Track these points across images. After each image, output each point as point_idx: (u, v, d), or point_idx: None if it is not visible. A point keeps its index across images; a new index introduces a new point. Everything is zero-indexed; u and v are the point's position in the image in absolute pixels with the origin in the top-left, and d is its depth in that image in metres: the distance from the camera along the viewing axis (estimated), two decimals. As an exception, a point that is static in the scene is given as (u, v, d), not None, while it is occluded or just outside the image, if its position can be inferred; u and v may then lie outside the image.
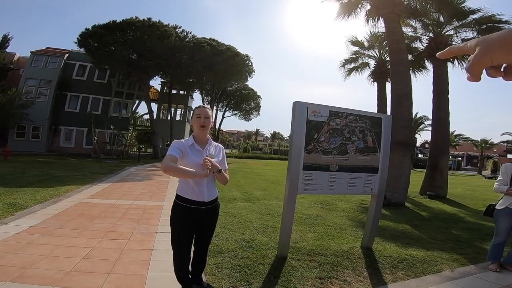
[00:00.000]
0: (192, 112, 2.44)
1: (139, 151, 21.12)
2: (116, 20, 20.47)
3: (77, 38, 20.33)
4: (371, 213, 3.99)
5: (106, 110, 23.91)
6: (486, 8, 9.88)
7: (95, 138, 21.52)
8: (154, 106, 28.04)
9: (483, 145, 35.87)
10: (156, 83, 46.10)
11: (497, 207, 3.39)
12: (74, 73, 23.84)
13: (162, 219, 5.15)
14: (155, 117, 26.08)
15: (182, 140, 2.33)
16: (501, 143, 39.98)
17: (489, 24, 9.97)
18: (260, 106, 33.82)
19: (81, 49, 21.24)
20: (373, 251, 3.84)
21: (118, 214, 5.34)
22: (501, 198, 3.37)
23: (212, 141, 2.39)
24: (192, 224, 2.26)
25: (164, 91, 28.84)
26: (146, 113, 25.11)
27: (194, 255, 2.44)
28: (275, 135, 75.12)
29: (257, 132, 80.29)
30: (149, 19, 20.82)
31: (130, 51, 20.91)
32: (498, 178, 3.41)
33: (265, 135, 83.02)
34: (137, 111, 26.77)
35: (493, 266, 3.32)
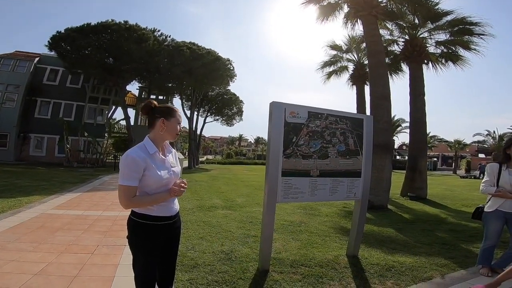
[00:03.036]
0: (163, 113, 1.81)
1: (115, 159, 20.25)
2: (90, 23, 19.71)
3: (48, 41, 19.35)
4: (355, 220, 3.79)
5: (80, 116, 22.87)
6: (458, 10, 10.20)
7: (68, 146, 20.46)
8: (132, 112, 27.20)
9: (456, 145, 37.29)
10: (133, 88, 44.89)
11: (485, 209, 3.24)
12: (45, 77, 22.67)
13: (134, 232, 4.74)
14: (132, 123, 25.22)
15: (136, 148, 1.76)
16: (473, 144, 41.78)
17: (461, 26, 10.26)
18: (242, 111, 33.49)
19: (53, 53, 20.26)
20: (359, 259, 3.63)
21: (84, 226, 4.92)
22: (489, 200, 3.23)
23: (170, 147, 1.98)
24: (161, 245, 1.88)
25: (142, 96, 28.03)
26: (123, 119, 24.24)
27: (160, 278, 2.05)
28: (259, 140, 74.99)
29: (240, 138, 79.99)
30: (126, 22, 20.18)
31: (105, 55, 20.12)
32: (484, 179, 3.27)
33: (248, 141, 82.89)
34: (113, 117, 25.84)
35: (484, 270, 3.19)
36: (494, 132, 34.90)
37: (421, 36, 11.06)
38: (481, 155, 43.24)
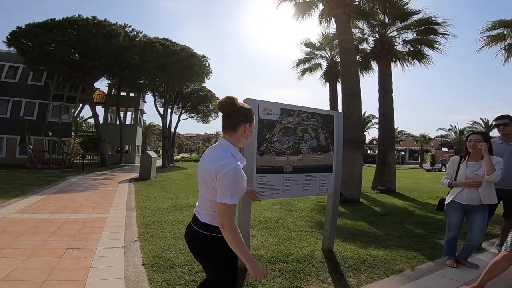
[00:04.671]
0: (248, 117, 1.63)
1: (83, 159, 19.30)
2: (54, 19, 18.54)
3: (7, 37, 17.99)
4: (328, 214, 3.88)
5: (43, 115, 21.45)
6: (425, 9, 10.75)
7: (30, 146, 19.21)
8: (101, 110, 26.07)
9: (422, 140, 39.41)
10: (102, 85, 43.25)
11: (445, 201, 3.38)
12: (3, 74, 20.94)
13: (105, 233, 4.59)
14: (102, 121, 24.18)
15: (232, 159, 1.53)
16: (437, 138, 44.40)
17: (427, 26, 10.79)
18: (219, 108, 33.08)
19: (12, 49, 18.85)
20: (334, 253, 3.72)
21: (50, 229, 4.67)
22: (448, 192, 3.38)
23: None
24: None
25: (112, 93, 26.93)
26: (91, 117, 23.14)
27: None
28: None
29: (217, 135, 79.09)
30: (94, 17, 19.24)
31: (71, 51, 19.04)
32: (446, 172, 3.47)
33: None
34: (81, 115, 24.58)
35: (450, 261, 3.33)
36: (455, 126, 37.39)
37: (390, 35, 11.50)
38: (444, 149, 46.05)
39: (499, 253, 2.56)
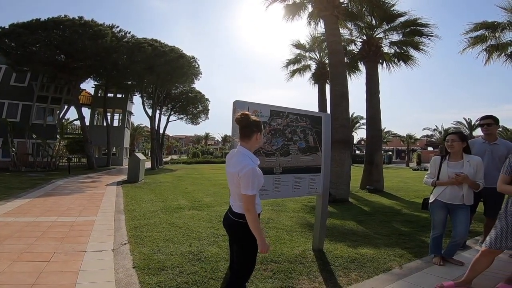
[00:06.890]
0: (259, 127, 2.06)
1: (69, 162, 18.88)
2: (39, 19, 18.07)
3: (-12, 38, 17.47)
4: (318, 214, 3.94)
5: (27, 117, 20.85)
6: (411, 11, 11.01)
7: (13, 149, 18.67)
8: (87, 112, 25.56)
9: (408, 140, 40.20)
10: (88, 86, 42.44)
11: (429, 201, 3.48)
12: (-16, 75, 20.36)
13: (93, 236, 4.52)
14: (88, 123, 23.71)
15: (250, 160, 1.94)
16: (423, 137, 45.42)
17: (412, 27, 11.06)
18: (208, 109, 32.92)
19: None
20: (324, 253, 3.77)
21: (36, 233, 4.58)
22: (432, 191, 3.47)
23: None
24: None
25: (99, 94, 26.45)
26: (77, 119, 22.64)
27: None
28: (227, 138, 74.03)
29: (207, 136, 78.57)
30: (81, 17, 18.84)
31: (56, 52, 18.60)
32: (428, 171, 3.54)
33: (216, 139, 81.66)
34: (66, 117, 23.98)
35: (437, 259, 3.42)
36: (440, 126, 38.39)
37: (377, 36, 11.72)
38: (430, 148, 47.17)
39: None
